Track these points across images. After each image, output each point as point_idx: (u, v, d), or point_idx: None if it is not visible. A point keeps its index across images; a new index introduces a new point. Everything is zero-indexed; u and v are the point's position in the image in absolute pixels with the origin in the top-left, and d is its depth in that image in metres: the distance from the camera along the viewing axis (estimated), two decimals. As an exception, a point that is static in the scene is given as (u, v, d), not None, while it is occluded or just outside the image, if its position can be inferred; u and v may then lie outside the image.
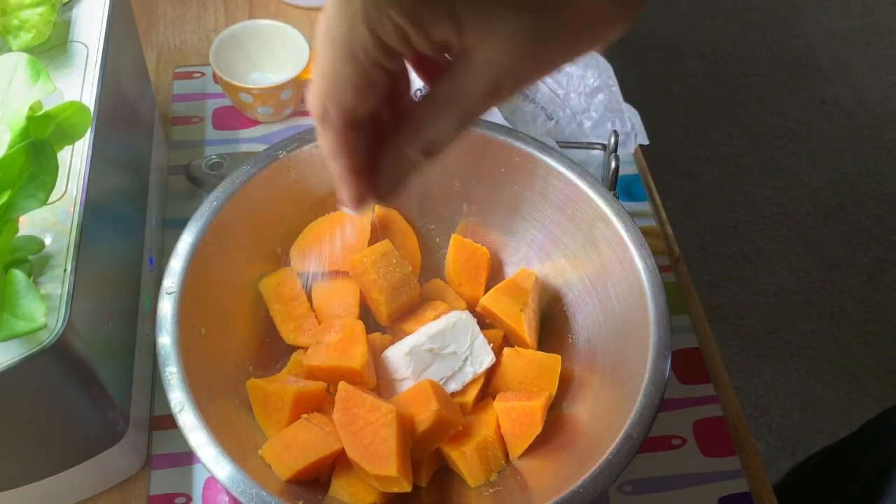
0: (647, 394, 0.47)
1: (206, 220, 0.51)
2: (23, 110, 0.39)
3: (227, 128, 0.76)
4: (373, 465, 0.47)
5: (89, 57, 0.52)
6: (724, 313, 1.53)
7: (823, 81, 1.91)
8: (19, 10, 0.51)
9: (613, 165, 0.64)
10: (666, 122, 1.82)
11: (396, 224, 0.60)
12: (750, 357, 1.49)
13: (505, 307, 0.55)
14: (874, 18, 2.08)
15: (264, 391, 0.51)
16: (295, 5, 0.86)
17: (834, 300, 1.55)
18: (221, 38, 0.75)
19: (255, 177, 0.54)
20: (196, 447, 0.44)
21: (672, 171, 1.73)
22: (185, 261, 0.50)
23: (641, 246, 0.52)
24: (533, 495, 0.49)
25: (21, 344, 0.40)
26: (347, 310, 0.56)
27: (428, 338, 0.53)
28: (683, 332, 0.67)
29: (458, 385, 0.54)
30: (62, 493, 0.53)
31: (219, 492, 0.56)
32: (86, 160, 0.47)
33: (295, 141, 0.56)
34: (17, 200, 0.39)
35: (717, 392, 0.64)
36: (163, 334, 0.47)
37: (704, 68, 1.94)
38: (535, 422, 0.51)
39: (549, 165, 0.56)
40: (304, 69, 0.73)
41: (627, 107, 0.73)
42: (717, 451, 0.61)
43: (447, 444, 0.51)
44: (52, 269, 0.43)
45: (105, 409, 0.49)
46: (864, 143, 1.81)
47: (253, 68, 0.78)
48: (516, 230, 0.60)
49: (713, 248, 1.61)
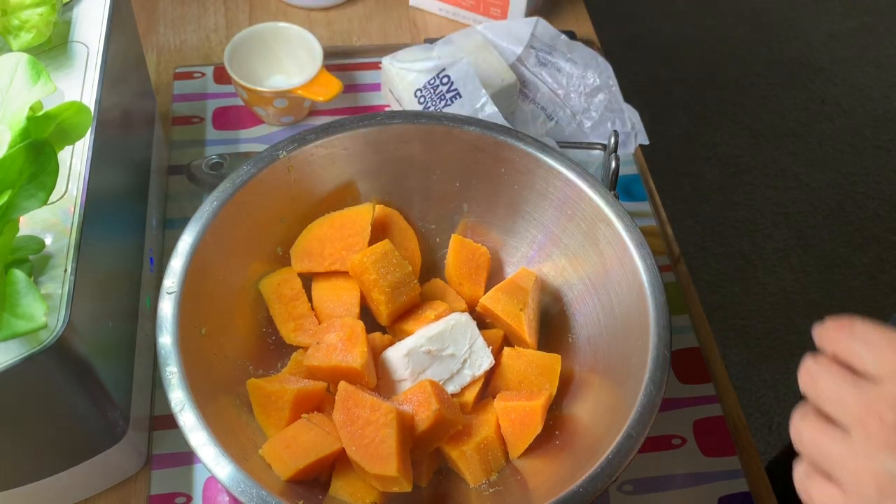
0: (647, 393, 0.47)
1: (206, 220, 0.51)
2: (23, 110, 0.39)
3: (227, 128, 0.76)
4: (373, 465, 0.47)
5: (89, 57, 0.52)
6: (724, 313, 1.53)
7: (823, 81, 1.91)
8: (20, 10, 0.51)
9: (613, 165, 0.64)
10: (666, 122, 1.82)
11: (396, 224, 0.60)
12: (750, 357, 1.49)
13: (505, 307, 0.55)
14: (874, 18, 2.08)
15: (264, 391, 0.51)
16: (295, 5, 0.86)
17: (834, 300, 1.55)
18: (238, 40, 0.75)
19: (255, 177, 0.54)
20: (196, 447, 0.44)
21: (672, 171, 1.73)
22: (185, 261, 0.50)
23: (641, 246, 0.52)
24: (533, 495, 0.49)
25: (21, 344, 0.40)
26: (347, 310, 0.56)
27: (427, 339, 0.53)
28: (683, 332, 0.67)
29: (457, 387, 0.54)
30: (62, 493, 0.53)
31: (219, 492, 0.56)
32: (86, 160, 0.47)
33: (295, 141, 0.56)
34: (17, 200, 0.39)
35: (717, 392, 0.64)
36: (163, 334, 0.47)
37: (704, 68, 1.94)
38: (535, 421, 0.51)
39: (549, 165, 0.56)
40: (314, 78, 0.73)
41: (627, 107, 0.73)
42: (717, 451, 0.61)
43: (447, 443, 0.51)
44: (53, 269, 0.43)
45: (105, 409, 0.49)
46: (864, 143, 1.81)
47: (271, 71, 0.78)
48: (516, 230, 0.60)
49: (713, 248, 1.61)
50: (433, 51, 0.74)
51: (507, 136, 0.57)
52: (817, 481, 0.37)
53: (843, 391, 0.36)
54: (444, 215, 0.62)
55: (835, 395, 0.36)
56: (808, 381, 0.38)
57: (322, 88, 0.73)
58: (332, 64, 0.80)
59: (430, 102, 0.70)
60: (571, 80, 0.74)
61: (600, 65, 0.74)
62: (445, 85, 0.70)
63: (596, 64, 0.74)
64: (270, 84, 0.77)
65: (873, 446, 0.35)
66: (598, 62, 0.74)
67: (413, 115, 0.58)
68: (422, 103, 0.71)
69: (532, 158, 0.57)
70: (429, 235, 0.62)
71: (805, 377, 0.38)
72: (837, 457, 0.36)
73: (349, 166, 0.58)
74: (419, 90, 0.71)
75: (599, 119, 0.73)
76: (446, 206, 0.61)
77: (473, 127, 0.57)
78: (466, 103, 0.69)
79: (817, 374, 0.37)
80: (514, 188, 0.59)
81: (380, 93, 0.80)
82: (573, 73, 0.74)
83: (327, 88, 0.73)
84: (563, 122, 0.74)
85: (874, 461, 0.34)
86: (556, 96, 0.74)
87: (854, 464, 0.35)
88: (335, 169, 0.58)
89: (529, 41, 0.75)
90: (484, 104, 0.69)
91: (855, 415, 0.35)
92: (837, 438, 0.36)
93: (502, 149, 0.57)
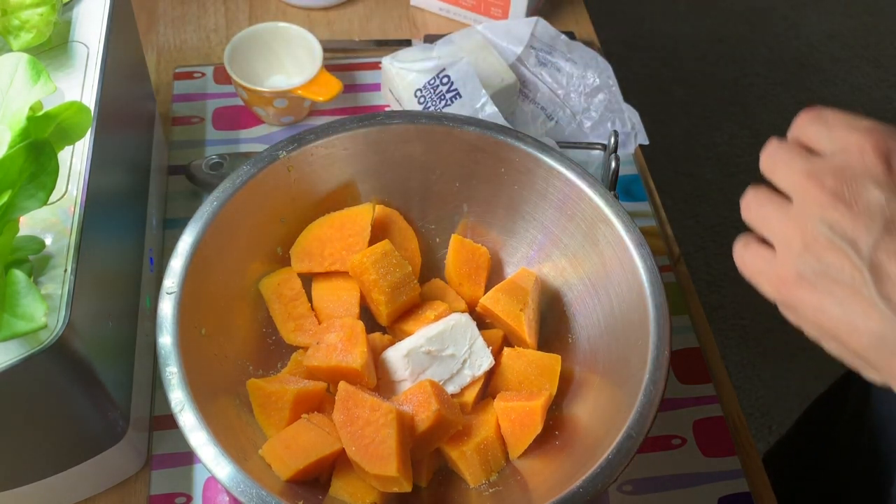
0: (647, 393, 0.47)
1: (206, 220, 0.51)
2: (23, 110, 0.39)
3: (227, 128, 0.76)
4: (373, 465, 0.47)
5: (90, 57, 0.52)
6: (724, 313, 1.53)
7: (823, 81, 1.91)
8: (20, 10, 0.51)
9: (613, 166, 0.64)
10: (666, 122, 1.82)
11: (396, 224, 0.60)
12: (750, 357, 1.49)
13: (505, 307, 0.55)
14: (874, 18, 2.08)
15: (264, 391, 0.51)
16: (295, 5, 0.86)
17: (834, 300, 1.55)
18: (238, 40, 0.75)
19: (255, 177, 0.54)
20: (196, 447, 0.44)
21: (672, 171, 1.73)
22: (185, 261, 0.50)
23: (641, 246, 0.52)
24: (533, 495, 0.49)
25: (21, 344, 0.40)
26: (347, 310, 0.56)
27: (426, 340, 0.53)
28: (683, 332, 0.67)
29: (457, 388, 0.54)
30: (62, 493, 0.53)
31: (219, 492, 0.56)
32: (86, 160, 0.47)
33: (295, 141, 0.56)
34: (17, 200, 0.39)
35: (717, 392, 0.64)
36: (163, 334, 0.47)
37: (704, 68, 1.94)
38: (535, 422, 0.51)
39: (549, 165, 0.56)
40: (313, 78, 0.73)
41: (627, 107, 0.73)
42: (717, 451, 0.61)
43: (447, 444, 0.51)
44: (53, 269, 0.43)
45: (105, 409, 0.49)
46: (864, 143, 1.81)
47: (271, 71, 0.78)
48: (516, 230, 0.60)
49: (713, 248, 1.61)
50: (433, 51, 0.74)
51: (507, 136, 0.57)
52: (753, 247, 0.40)
53: (794, 162, 0.38)
54: (444, 215, 0.62)
55: (786, 166, 0.38)
56: (767, 159, 0.40)
57: (322, 88, 0.73)
58: (332, 64, 0.80)
59: (430, 102, 0.70)
60: (571, 80, 0.74)
61: (600, 65, 0.74)
62: (445, 85, 0.70)
63: (596, 64, 0.74)
64: (270, 84, 0.77)
65: (808, 208, 0.37)
66: (598, 62, 0.74)
67: (413, 115, 0.58)
68: (422, 103, 0.71)
69: (532, 158, 0.57)
70: (429, 235, 0.62)
71: (765, 157, 0.40)
72: (775, 220, 0.38)
73: (349, 166, 0.58)
74: (419, 90, 0.71)
75: (599, 119, 0.73)
76: (446, 206, 0.61)
77: (473, 127, 0.57)
78: (466, 103, 0.69)
79: (776, 152, 0.39)
80: (514, 188, 0.59)
81: (380, 93, 0.80)
82: (573, 73, 0.74)
83: (327, 88, 0.73)
84: (563, 122, 0.74)
85: (806, 220, 0.36)
86: (556, 96, 0.74)
87: (787, 223, 0.37)
88: (335, 169, 0.58)
89: (529, 41, 0.75)
90: (484, 104, 0.69)
91: (799, 182, 0.37)
92: (779, 204, 0.38)
93: (502, 149, 0.57)
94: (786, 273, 0.37)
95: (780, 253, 0.38)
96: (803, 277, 0.36)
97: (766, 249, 0.39)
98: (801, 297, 0.37)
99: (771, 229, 0.39)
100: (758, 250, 0.39)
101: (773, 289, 0.39)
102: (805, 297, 0.37)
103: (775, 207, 0.38)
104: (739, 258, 0.41)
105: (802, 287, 0.37)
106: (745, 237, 0.40)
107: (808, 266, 0.36)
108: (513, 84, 0.73)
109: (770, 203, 0.39)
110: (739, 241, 0.41)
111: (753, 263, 0.40)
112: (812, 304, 0.36)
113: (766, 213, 0.39)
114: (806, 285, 0.36)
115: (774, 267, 0.38)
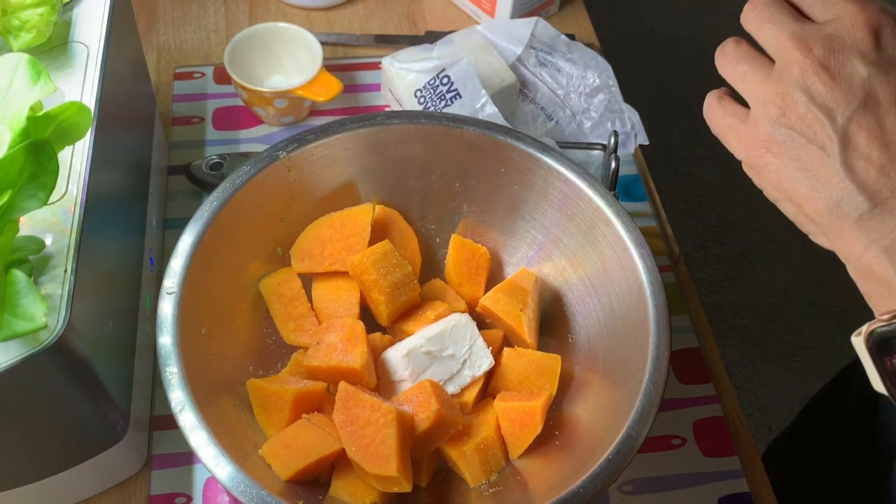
0: (647, 393, 0.47)
1: (206, 220, 0.51)
2: (23, 110, 0.39)
3: (227, 128, 0.76)
4: (373, 465, 0.47)
5: (90, 57, 0.52)
6: (724, 313, 1.53)
7: (823, 81, 1.91)
8: (20, 10, 0.51)
9: (613, 166, 0.64)
10: (666, 122, 1.82)
11: (396, 224, 0.60)
12: (750, 357, 1.49)
13: (505, 307, 0.55)
14: (874, 18, 2.08)
15: (264, 391, 0.51)
16: (295, 5, 0.86)
17: (834, 300, 1.55)
18: (238, 40, 0.75)
19: (255, 177, 0.54)
20: (196, 447, 0.44)
21: (672, 171, 1.73)
22: (185, 261, 0.50)
23: (641, 246, 0.52)
24: (533, 495, 0.49)
25: (21, 344, 0.40)
26: (347, 310, 0.56)
27: (426, 340, 0.53)
28: (683, 332, 0.67)
29: (457, 388, 0.54)
30: (62, 493, 0.53)
31: (219, 492, 0.56)
32: (86, 160, 0.47)
33: (295, 141, 0.56)
34: (17, 200, 0.39)
35: (717, 392, 0.64)
36: (163, 334, 0.47)
37: (704, 68, 1.93)
38: (535, 422, 0.51)
39: (549, 165, 0.56)
40: (313, 79, 0.73)
41: (627, 107, 0.73)
42: (717, 451, 0.61)
43: (447, 444, 0.51)
44: (53, 269, 0.43)
45: (105, 409, 0.49)
46: (864, 143, 1.81)
47: (271, 71, 0.78)
48: (516, 230, 0.60)
49: (713, 248, 1.61)
50: (433, 51, 0.74)
51: (506, 136, 0.57)
52: (727, 103, 0.39)
53: (784, 22, 0.37)
54: (444, 215, 0.62)
55: (776, 25, 0.37)
56: (753, 13, 0.39)
57: (322, 88, 0.73)
58: (332, 64, 0.80)
59: (430, 102, 0.70)
60: (571, 80, 0.74)
61: (600, 65, 0.74)
62: (445, 85, 0.70)
63: (596, 64, 0.74)
64: (270, 84, 0.77)
65: (791, 72, 0.36)
66: (598, 62, 0.74)
67: (413, 115, 0.58)
68: (422, 103, 0.71)
69: (532, 158, 0.57)
70: (429, 235, 0.62)
71: (751, 11, 0.39)
72: (753, 81, 0.37)
73: (349, 166, 0.58)
74: (419, 90, 0.71)
75: (599, 119, 0.73)
76: (446, 206, 0.61)
77: (473, 127, 0.57)
78: (466, 103, 0.69)
79: (765, 8, 0.38)
80: (514, 188, 0.59)
81: (380, 93, 0.80)
82: (573, 74, 0.74)
83: (327, 88, 0.73)
84: (563, 123, 0.74)
85: (787, 87, 0.36)
86: (555, 96, 0.74)
87: (766, 85, 0.37)
88: (335, 169, 0.58)
89: (529, 41, 0.75)
90: (484, 104, 0.69)
91: (786, 44, 0.37)
92: (760, 64, 0.38)
93: (502, 149, 0.57)
94: (757, 134, 0.37)
95: (755, 113, 0.37)
96: (774, 140, 0.36)
97: (739, 107, 0.38)
98: (769, 160, 0.37)
99: (748, 88, 0.38)
100: (732, 107, 0.39)
101: (741, 148, 0.38)
102: (772, 161, 0.37)
103: (756, 66, 0.38)
104: (711, 111, 0.40)
105: (771, 150, 0.37)
106: (720, 91, 0.40)
107: (781, 131, 0.36)
108: (513, 84, 0.73)
109: (751, 60, 0.38)
110: (713, 95, 0.40)
111: (725, 119, 0.39)
112: (778, 167, 0.36)
113: (745, 69, 0.38)
114: (775, 148, 0.36)
115: (747, 126, 0.38)
